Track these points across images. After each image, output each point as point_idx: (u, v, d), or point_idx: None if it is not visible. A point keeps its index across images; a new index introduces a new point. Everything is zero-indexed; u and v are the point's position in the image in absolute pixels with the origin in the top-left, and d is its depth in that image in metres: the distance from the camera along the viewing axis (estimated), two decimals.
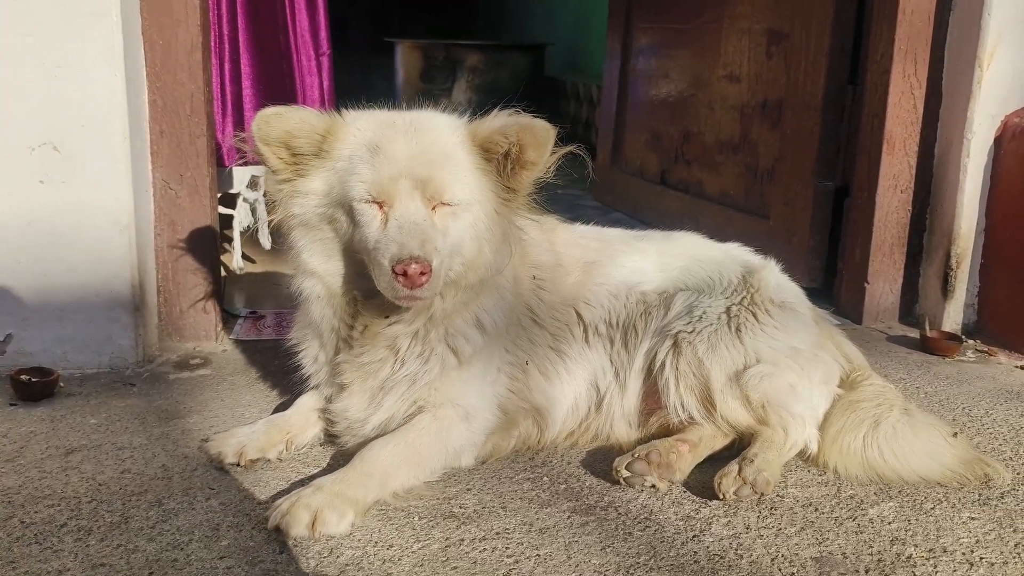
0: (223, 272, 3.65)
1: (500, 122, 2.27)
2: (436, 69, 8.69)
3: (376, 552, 2.02)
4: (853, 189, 3.86)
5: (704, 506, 2.28)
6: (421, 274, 2.10)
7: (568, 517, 2.21)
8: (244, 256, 4.30)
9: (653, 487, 2.33)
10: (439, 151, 2.24)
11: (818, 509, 2.28)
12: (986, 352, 3.48)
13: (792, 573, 2.01)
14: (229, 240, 4.30)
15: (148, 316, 3.15)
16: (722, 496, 2.26)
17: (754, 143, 4.54)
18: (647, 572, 1.99)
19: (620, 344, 2.61)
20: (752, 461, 2.31)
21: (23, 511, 2.15)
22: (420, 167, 2.20)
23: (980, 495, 2.36)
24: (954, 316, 3.66)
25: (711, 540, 2.13)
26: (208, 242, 3.25)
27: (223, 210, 3.82)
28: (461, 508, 2.23)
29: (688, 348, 2.49)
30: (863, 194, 3.76)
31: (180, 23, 3.07)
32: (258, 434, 2.45)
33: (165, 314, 3.26)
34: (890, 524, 2.22)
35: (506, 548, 2.06)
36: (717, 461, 2.40)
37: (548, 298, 2.59)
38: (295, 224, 2.33)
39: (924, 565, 2.05)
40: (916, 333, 3.62)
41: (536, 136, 2.24)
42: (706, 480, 2.34)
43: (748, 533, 2.16)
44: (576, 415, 2.60)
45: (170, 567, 1.94)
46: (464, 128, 2.31)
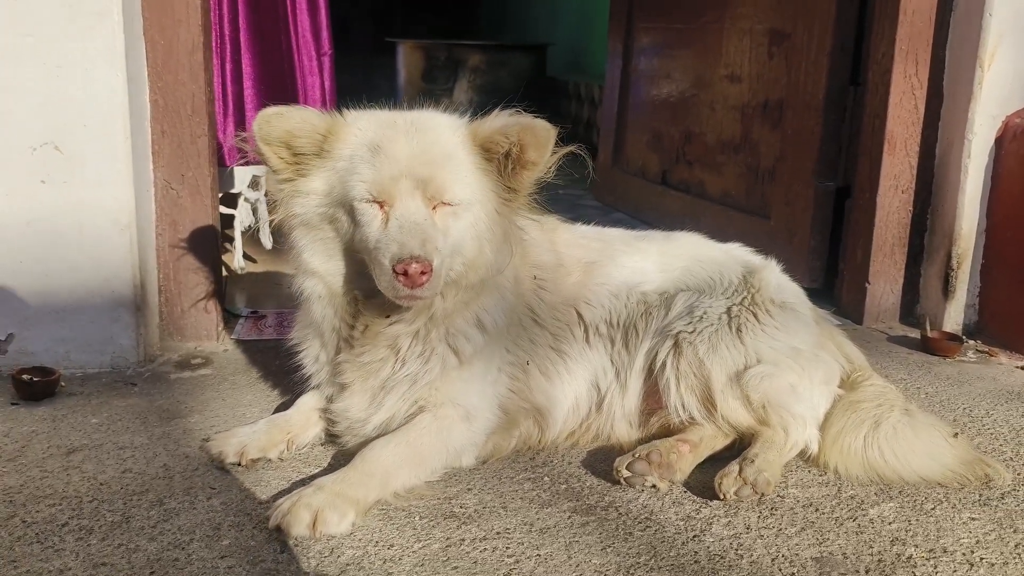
0: (224, 272, 3.65)
1: (501, 122, 2.27)
2: (438, 69, 8.69)
3: (377, 552, 2.02)
4: (854, 189, 3.86)
5: (705, 506, 2.28)
6: (422, 273, 2.10)
7: (569, 517, 2.21)
8: (245, 256, 4.30)
9: (654, 487, 2.33)
10: (440, 151, 2.25)
11: (819, 509, 2.28)
12: (987, 352, 3.48)
13: (792, 573, 2.01)
14: (230, 240, 4.30)
15: (149, 316, 3.15)
16: (723, 496, 2.27)
17: (755, 143, 4.54)
18: (647, 572, 1.99)
19: (621, 344, 2.61)
20: (753, 461, 2.31)
21: (24, 510, 2.16)
22: (421, 167, 2.20)
23: (981, 496, 2.36)
24: (955, 316, 3.66)
25: (711, 540, 2.13)
26: (209, 242, 3.25)
27: (224, 210, 3.82)
28: (462, 508, 2.23)
29: (689, 348, 2.49)
30: (864, 194, 3.76)
31: (182, 23, 3.07)
32: (259, 434, 2.45)
33: (166, 314, 3.26)
34: (890, 524, 2.22)
35: (507, 548, 2.06)
36: (718, 461, 2.40)
37: (549, 298, 2.59)
38: (296, 224, 2.33)
39: (924, 565, 2.05)
40: (917, 333, 3.62)
41: (537, 136, 2.24)
42: (707, 480, 2.34)
43: (748, 533, 2.16)
44: (577, 415, 2.60)
45: (171, 566, 1.95)
46: (465, 128, 2.31)
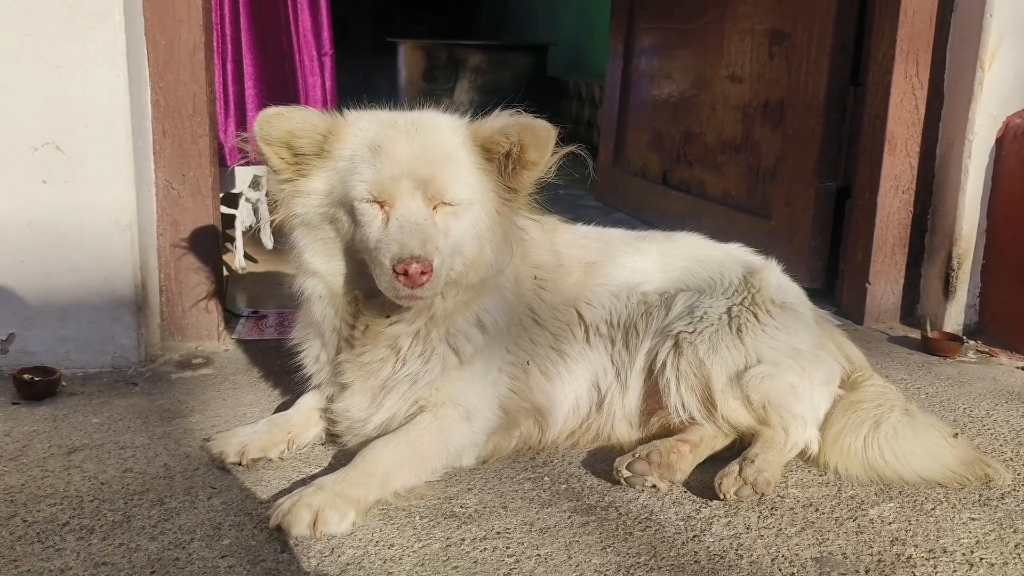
0: (225, 272, 3.66)
1: (501, 122, 2.27)
2: (438, 69, 8.69)
3: (377, 551, 2.03)
4: (855, 190, 3.86)
5: (705, 506, 2.28)
6: (422, 273, 2.11)
7: (569, 517, 2.21)
8: (246, 256, 4.30)
9: (654, 487, 2.33)
10: (440, 151, 2.25)
11: (819, 509, 2.28)
12: (987, 353, 3.48)
13: (792, 573, 2.01)
14: (231, 240, 4.30)
15: (150, 315, 3.15)
16: (723, 496, 2.27)
17: (756, 143, 4.54)
18: (647, 572, 1.99)
19: (621, 344, 2.61)
20: (753, 461, 2.31)
21: (25, 510, 2.16)
22: (421, 167, 2.20)
23: (980, 496, 2.36)
24: (955, 317, 3.66)
25: (711, 540, 2.13)
26: (210, 242, 3.25)
27: (225, 210, 3.83)
28: (462, 508, 2.23)
29: (689, 348, 2.49)
30: (865, 195, 3.76)
31: (183, 23, 3.07)
32: (260, 433, 2.45)
33: (167, 313, 3.26)
34: (890, 524, 2.22)
35: (507, 548, 2.06)
36: (718, 461, 2.40)
37: (549, 298, 2.59)
38: (297, 224, 2.34)
39: (924, 566, 2.05)
40: (917, 334, 3.62)
41: (537, 136, 2.24)
42: (707, 480, 2.34)
43: (748, 533, 2.16)
44: (577, 415, 2.60)
45: (172, 566, 1.95)
46: (465, 128, 2.31)
